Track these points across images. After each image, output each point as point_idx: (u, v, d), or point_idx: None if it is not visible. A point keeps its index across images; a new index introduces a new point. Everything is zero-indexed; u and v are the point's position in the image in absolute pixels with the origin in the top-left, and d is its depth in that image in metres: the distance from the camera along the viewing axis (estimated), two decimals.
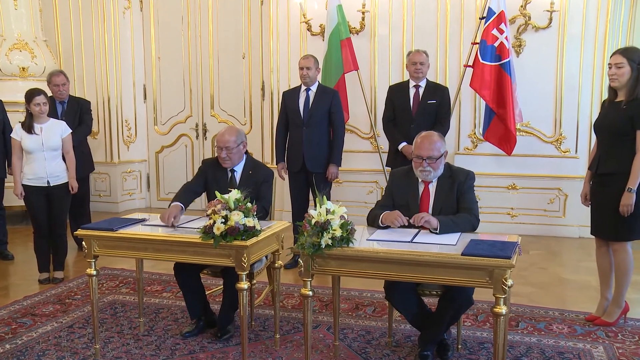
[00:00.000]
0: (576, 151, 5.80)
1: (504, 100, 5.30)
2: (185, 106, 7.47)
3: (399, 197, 3.17)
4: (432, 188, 3.13)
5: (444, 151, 3.09)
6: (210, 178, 3.58)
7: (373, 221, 3.09)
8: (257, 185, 3.40)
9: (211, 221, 2.86)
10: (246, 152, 3.59)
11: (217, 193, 2.92)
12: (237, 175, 3.54)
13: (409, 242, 2.77)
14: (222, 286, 3.55)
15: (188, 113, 7.47)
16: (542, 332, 3.47)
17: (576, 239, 5.73)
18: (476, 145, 6.06)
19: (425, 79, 4.91)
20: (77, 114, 5.41)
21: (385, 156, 5.31)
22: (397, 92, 4.98)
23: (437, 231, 2.89)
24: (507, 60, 5.24)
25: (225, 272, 3.33)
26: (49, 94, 5.16)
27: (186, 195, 3.42)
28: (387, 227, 3.02)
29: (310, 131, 4.80)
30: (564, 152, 5.84)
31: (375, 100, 6.27)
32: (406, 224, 2.95)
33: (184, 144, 7.54)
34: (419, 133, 3.16)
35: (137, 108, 7.61)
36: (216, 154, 3.53)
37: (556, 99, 5.79)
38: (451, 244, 2.73)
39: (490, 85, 5.29)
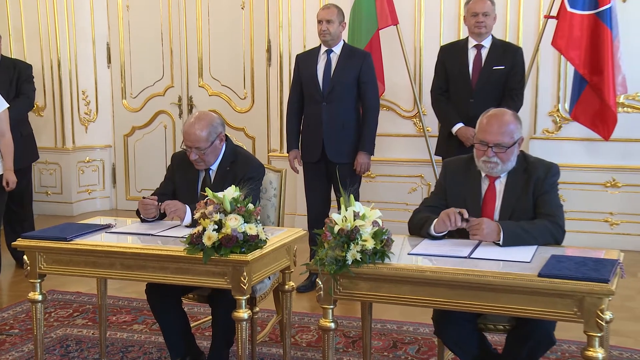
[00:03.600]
0: None
1: (600, 63, 5.20)
2: (164, 73, 7.54)
3: (454, 197, 3.18)
4: (500, 185, 3.13)
5: (518, 137, 3.09)
6: (179, 179, 3.63)
7: (419, 228, 3.10)
8: (234, 184, 3.32)
9: (200, 228, 2.89)
10: (227, 139, 3.61)
11: (208, 191, 2.96)
12: (213, 173, 3.59)
13: (466, 257, 2.78)
14: (211, 316, 3.59)
15: (168, 82, 7.54)
16: None
17: None
18: (560, 127, 6.01)
19: (490, 37, 4.90)
20: (14, 83, 5.49)
21: (434, 142, 5.31)
22: (452, 55, 4.97)
23: (500, 243, 2.90)
24: (608, 6, 5.12)
25: (217, 296, 3.35)
26: None
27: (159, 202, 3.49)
28: (443, 236, 3.04)
29: (332, 108, 4.82)
30: None
31: (421, 66, 6.26)
32: (462, 225, 2.95)
33: (163, 125, 7.62)
34: (486, 111, 3.16)
35: (99, 75, 7.70)
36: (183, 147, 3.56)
37: None
38: (524, 260, 2.73)
39: (582, 43, 5.21)
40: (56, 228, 3.39)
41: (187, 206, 3.38)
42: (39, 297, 3.25)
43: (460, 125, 4.82)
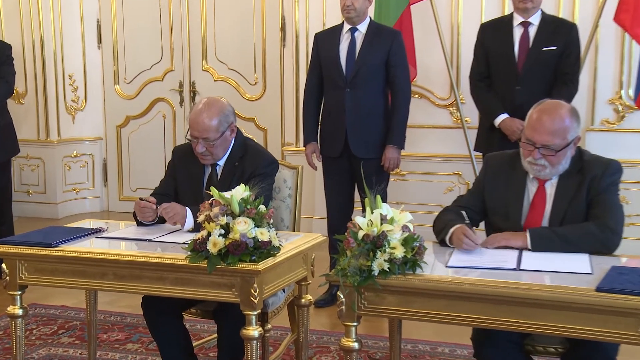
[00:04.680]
0: None
1: None
2: (162, 55, 7.58)
3: (496, 199, 3.18)
4: (551, 188, 3.13)
5: (573, 137, 3.05)
6: (181, 176, 3.65)
7: (439, 231, 3.13)
8: (241, 182, 3.27)
9: (204, 233, 2.90)
10: (237, 131, 3.63)
11: (213, 190, 2.96)
12: (220, 170, 3.61)
13: (513, 269, 2.76)
14: (217, 334, 3.60)
15: (167, 66, 7.58)
16: None
17: None
18: (622, 117, 5.97)
19: (539, 12, 4.87)
20: None
21: (473, 134, 5.30)
22: (494, 34, 4.95)
23: (529, 246, 2.95)
24: None
25: (223, 311, 3.37)
26: None
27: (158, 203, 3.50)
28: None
29: (356, 95, 4.83)
30: None
31: (459, 47, 6.25)
32: (475, 248, 2.97)
33: (161, 114, 7.66)
34: (538, 103, 3.13)
35: (88, 57, 7.76)
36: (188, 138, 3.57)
37: None
38: (585, 272, 2.71)
39: None
40: (39, 232, 3.41)
41: (188, 209, 3.39)
42: (20, 312, 3.26)
43: (504, 116, 4.80)
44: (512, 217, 3.10)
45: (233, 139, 3.59)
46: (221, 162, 3.59)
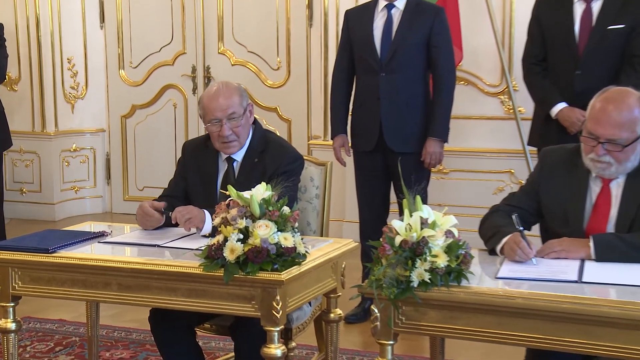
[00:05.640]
0: None
1: None
2: (173, 36, 7.62)
3: (553, 200, 3.17)
4: (617, 189, 3.11)
5: None
6: (193, 174, 3.66)
7: (487, 238, 3.11)
8: (262, 181, 3.25)
9: (220, 238, 2.91)
10: (254, 121, 3.65)
11: (231, 189, 2.97)
12: (237, 166, 3.62)
13: (574, 281, 2.75)
14: (234, 353, 3.60)
15: (178, 48, 7.62)
16: None
17: None
18: None
19: None
20: None
21: (527, 126, 5.26)
22: (552, 10, 4.90)
23: (593, 256, 2.93)
24: None
25: (241, 327, 3.37)
26: None
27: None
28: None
29: (393, 80, 4.82)
30: None
31: (512, 26, 6.23)
32: (529, 258, 2.95)
33: (172, 103, 7.70)
34: (602, 91, 3.10)
35: (89, 38, 7.81)
36: (205, 131, 3.60)
37: None
38: None
39: None
40: (34, 236, 3.44)
41: (206, 212, 3.39)
42: (12, 326, 3.28)
43: (562, 105, 4.76)
44: (572, 221, 3.08)
45: (251, 131, 3.61)
46: (238, 157, 3.61)
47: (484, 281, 2.79)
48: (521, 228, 3.01)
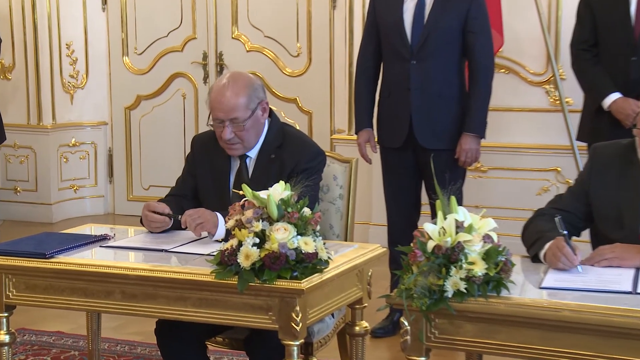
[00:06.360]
0: None
1: None
2: (182, 19, 7.64)
3: (605, 201, 3.16)
4: None
5: None
6: (202, 171, 3.67)
7: (530, 243, 3.10)
8: (280, 179, 3.26)
9: (234, 242, 2.91)
10: (271, 114, 3.64)
11: (245, 188, 2.96)
12: (251, 163, 3.63)
13: (628, 292, 2.73)
14: None
15: (188, 33, 7.64)
16: None
17: None
18: None
19: None
20: None
21: (575, 119, 5.24)
22: None
23: None
24: None
25: (257, 341, 3.37)
26: None
27: (172, 207, 3.53)
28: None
29: (425, 68, 4.81)
30: None
31: (558, 7, 6.23)
32: (574, 265, 2.93)
33: (181, 93, 7.72)
34: None
35: (90, 21, 7.84)
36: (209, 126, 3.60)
37: None
38: None
39: None
40: (30, 240, 3.44)
41: (219, 215, 3.39)
42: (6, 338, 3.29)
43: (615, 96, 4.77)
44: (627, 225, 3.07)
45: (267, 124, 3.61)
46: (252, 154, 3.61)
47: (527, 291, 2.78)
48: (565, 232, 2.99)
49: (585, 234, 3.31)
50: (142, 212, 3.53)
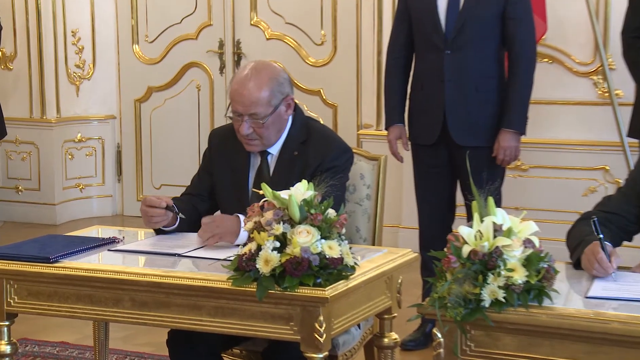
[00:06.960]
0: None
1: None
2: (197, 5, 7.67)
3: None
4: None
5: None
6: (220, 169, 3.68)
7: (573, 247, 3.10)
8: (303, 178, 3.26)
9: (252, 246, 2.91)
10: (296, 108, 3.64)
11: (265, 188, 2.97)
12: (272, 160, 3.63)
13: None
14: None
15: (203, 19, 7.67)
16: None
17: None
18: None
19: None
20: None
21: (626, 113, 5.23)
22: None
23: None
24: None
25: (277, 352, 3.38)
26: None
27: (184, 206, 3.56)
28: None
29: (460, 59, 4.82)
30: None
31: None
32: (609, 272, 2.92)
33: (195, 85, 7.74)
34: None
35: (97, 7, 7.87)
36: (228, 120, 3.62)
37: None
38: None
39: None
40: (33, 243, 3.46)
41: (240, 216, 3.38)
42: (7, 349, 3.31)
43: None
44: None
45: (290, 118, 3.61)
46: (274, 150, 3.62)
47: (571, 301, 2.78)
48: (601, 235, 2.97)
49: (638, 239, 3.29)
50: (140, 208, 3.53)
